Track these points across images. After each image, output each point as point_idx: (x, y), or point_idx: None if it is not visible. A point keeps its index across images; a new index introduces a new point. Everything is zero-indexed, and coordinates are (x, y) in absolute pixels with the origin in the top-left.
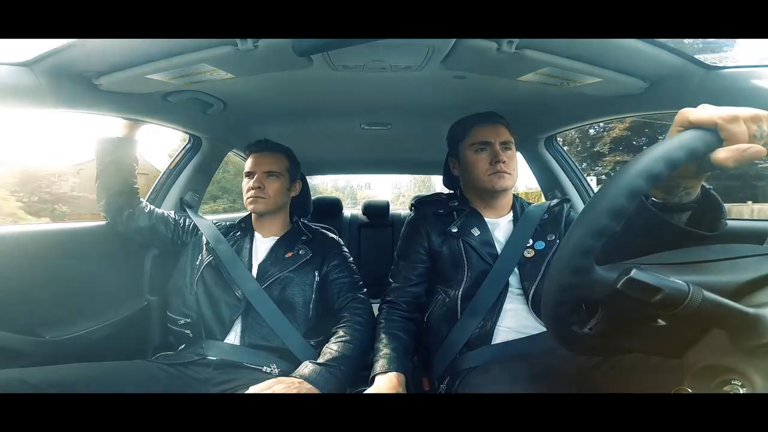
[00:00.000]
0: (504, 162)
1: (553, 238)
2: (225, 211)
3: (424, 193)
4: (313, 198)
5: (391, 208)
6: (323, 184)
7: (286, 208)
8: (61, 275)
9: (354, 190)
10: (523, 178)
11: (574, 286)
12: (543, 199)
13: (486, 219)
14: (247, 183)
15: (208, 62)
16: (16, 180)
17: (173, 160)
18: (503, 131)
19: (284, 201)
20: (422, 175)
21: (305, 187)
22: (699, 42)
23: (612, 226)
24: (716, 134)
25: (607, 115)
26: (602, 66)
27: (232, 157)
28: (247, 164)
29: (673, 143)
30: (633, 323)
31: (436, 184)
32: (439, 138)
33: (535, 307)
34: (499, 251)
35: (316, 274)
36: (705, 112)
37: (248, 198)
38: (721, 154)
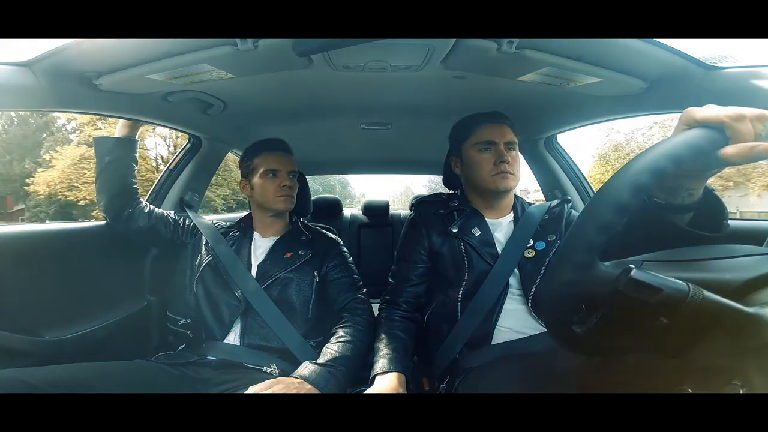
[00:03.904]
0: (508, 162)
1: (554, 238)
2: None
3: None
4: (312, 198)
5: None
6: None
7: None
8: (61, 275)
9: (358, 199)
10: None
11: (575, 281)
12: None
13: (487, 219)
14: (274, 181)
15: (208, 62)
16: None
17: (173, 160)
18: (508, 131)
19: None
20: (410, 187)
21: (305, 187)
22: None
23: (616, 222)
24: (722, 133)
25: (607, 115)
26: (602, 66)
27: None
28: (269, 162)
29: (679, 140)
30: (633, 322)
31: (415, 192)
32: (439, 138)
33: (535, 307)
34: (499, 251)
35: (316, 274)
36: (711, 110)
37: (281, 196)
38: (730, 151)
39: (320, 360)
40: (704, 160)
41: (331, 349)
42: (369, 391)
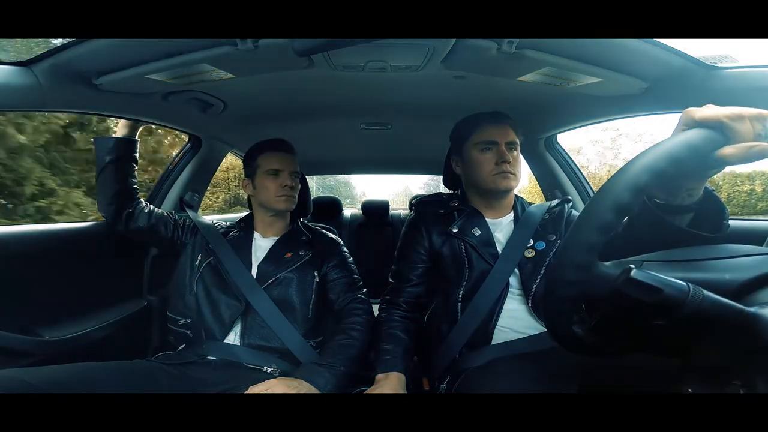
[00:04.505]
0: (509, 162)
1: (554, 238)
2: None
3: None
4: (312, 198)
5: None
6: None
7: None
8: (61, 275)
9: (359, 198)
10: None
11: (576, 282)
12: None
13: (487, 219)
14: (276, 181)
15: (208, 62)
16: None
17: (173, 160)
18: (509, 131)
19: None
20: (409, 187)
21: (305, 187)
22: None
23: (615, 222)
24: (721, 133)
25: (607, 115)
26: (602, 66)
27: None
28: (271, 162)
29: (678, 141)
30: (633, 322)
31: (413, 192)
32: (439, 138)
33: (536, 307)
34: (499, 251)
35: (316, 274)
36: (710, 111)
37: (282, 196)
38: (728, 151)
39: (320, 360)
40: (703, 161)
41: (331, 349)
42: (369, 391)
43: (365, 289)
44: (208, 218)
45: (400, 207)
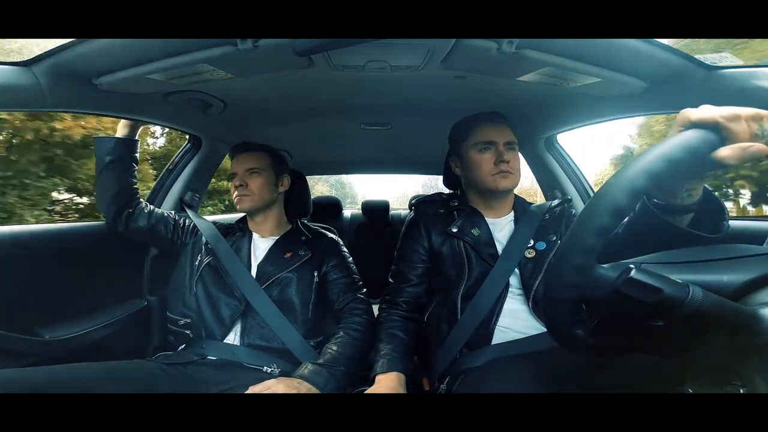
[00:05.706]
0: (508, 162)
1: (555, 238)
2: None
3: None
4: (312, 198)
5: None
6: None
7: (276, 205)
8: (61, 275)
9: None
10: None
11: (574, 285)
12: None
13: (487, 219)
14: (232, 184)
15: (208, 62)
16: None
17: (173, 160)
18: (507, 131)
19: (271, 197)
20: (406, 192)
21: (305, 186)
22: None
23: (613, 225)
24: (717, 133)
25: (607, 115)
26: (602, 66)
27: None
28: (231, 166)
29: (675, 142)
30: (633, 323)
31: (409, 195)
32: (439, 138)
33: (536, 307)
34: (499, 251)
35: (315, 274)
36: (706, 111)
37: (234, 197)
38: (723, 152)
39: (320, 360)
40: (701, 162)
41: (331, 349)
42: (369, 391)
43: (365, 289)
44: (208, 218)
45: (399, 208)
